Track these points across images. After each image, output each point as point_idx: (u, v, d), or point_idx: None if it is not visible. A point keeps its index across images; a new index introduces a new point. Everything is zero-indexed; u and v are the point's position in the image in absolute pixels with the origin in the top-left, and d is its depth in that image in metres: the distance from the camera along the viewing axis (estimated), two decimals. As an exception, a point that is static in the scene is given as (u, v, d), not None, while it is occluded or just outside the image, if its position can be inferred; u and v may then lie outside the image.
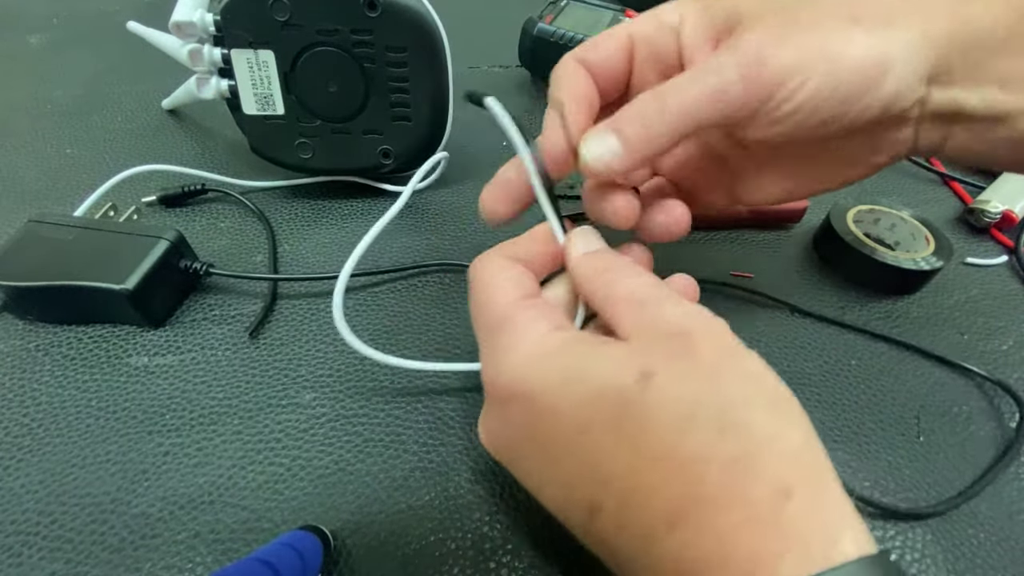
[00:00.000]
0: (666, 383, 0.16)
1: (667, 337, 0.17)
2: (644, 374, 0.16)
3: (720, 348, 0.16)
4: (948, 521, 0.24)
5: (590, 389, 0.16)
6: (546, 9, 0.48)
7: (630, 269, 0.19)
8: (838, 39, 0.18)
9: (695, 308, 0.18)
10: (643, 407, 0.15)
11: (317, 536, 0.20)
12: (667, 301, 0.18)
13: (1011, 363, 0.30)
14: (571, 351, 0.17)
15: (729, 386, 0.16)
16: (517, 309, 0.19)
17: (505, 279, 0.20)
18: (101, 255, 0.28)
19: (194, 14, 0.31)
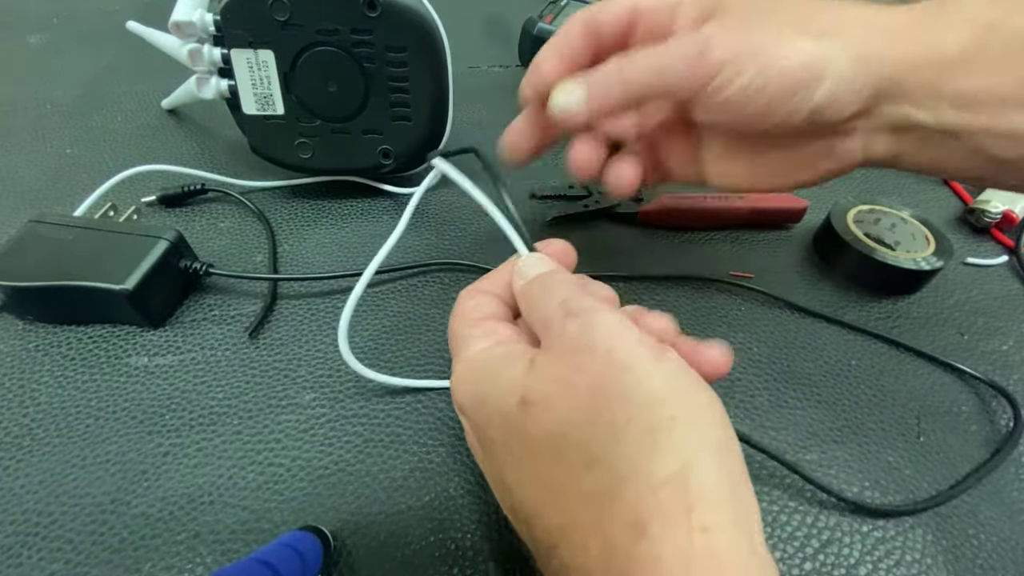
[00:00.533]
0: (541, 412, 0.16)
1: (556, 359, 0.17)
2: (523, 400, 0.16)
3: (605, 369, 0.16)
4: (948, 521, 0.24)
5: (491, 408, 0.17)
6: (546, 9, 0.48)
7: (555, 288, 0.19)
8: (779, 42, 0.20)
9: (597, 319, 0.17)
10: (523, 433, 0.16)
11: (317, 536, 0.20)
12: (570, 316, 0.17)
13: (1011, 363, 0.30)
14: (484, 369, 0.18)
15: (601, 414, 0.15)
16: (466, 330, 0.20)
17: (468, 307, 0.21)
18: (101, 255, 0.28)
19: (194, 14, 0.31)
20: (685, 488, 0.14)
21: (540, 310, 0.19)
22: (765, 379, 0.28)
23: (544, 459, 0.16)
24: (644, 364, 0.16)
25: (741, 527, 0.14)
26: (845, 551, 0.23)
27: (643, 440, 0.15)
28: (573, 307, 0.18)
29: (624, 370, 0.15)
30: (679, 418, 0.15)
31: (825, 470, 0.25)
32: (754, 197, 0.36)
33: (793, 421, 0.27)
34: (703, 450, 0.15)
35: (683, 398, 0.15)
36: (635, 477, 0.14)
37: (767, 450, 0.24)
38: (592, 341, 0.16)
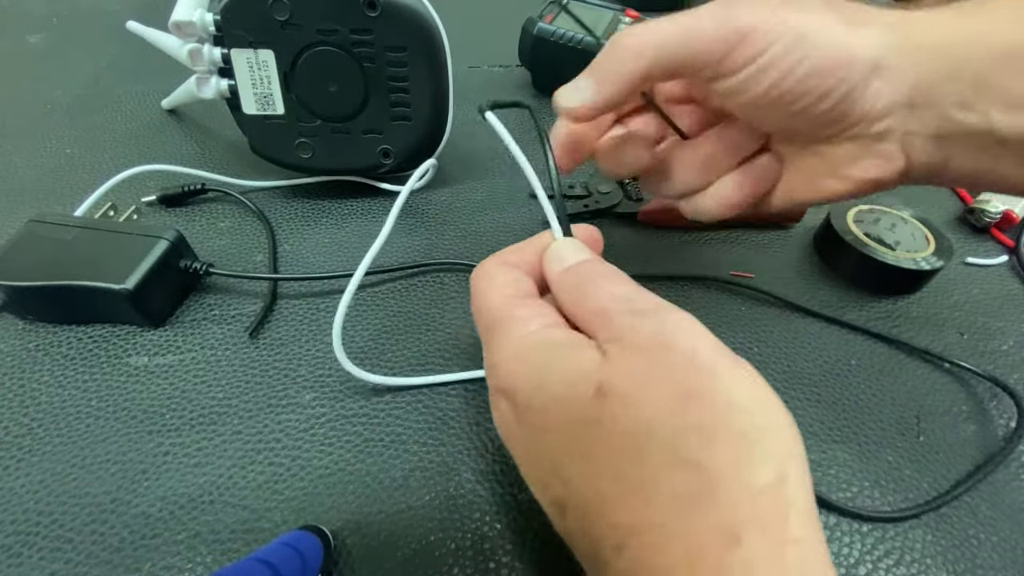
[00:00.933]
0: (621, 405, 0.15)
1: (634, 353, 0.16)
2: (601, 391, 0.15)
3: (689, 369, 0.15)
4: (948, 521, 0.24)
5: (554, 394, 0.16)
6: (546, 9, 0.48)
7: (603, 280, 0.18)
8: (814, 21, 0.19)
9: (673, 319, 0.16)
10: (598, 424, 0.15)
11: (317, 536, 0.20)
12: (639, 313, 0.17)
13: (1011, 363, 0.30)
14: (546, 352, 0.17)
15: (689, 415, 0.14)
16: (510, 307, 0.19)
17: (502, 281, 0.20)
18: (101, 255, 0.28)
19: (194, 14, 0.31)
20: (782, 498, 0.14)
21: (593, 301, 0.18)
22: (765, 379, 0.28)
23: (622, 454, 0.15)
24: (728, 370, 0.15)
25: (822, 541, 0.14)
26: (845, 551, 0.23)
27: (737, 445, 0.14)
28: (640, 305, 0.17)
29: (710, 373, 0.15)
30: (768, 428, 0.14)
31: (825, 470, 0.25)
32: (754, 197, 0.36)
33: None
34: (792, 462, 0.14)
35: (767, 408, 0.15)
36: (730, 483, 0.14)
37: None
38: (674, 340, 0.16)
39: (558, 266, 0.19)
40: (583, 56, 0.45)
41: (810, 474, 0.15)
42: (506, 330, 0.18)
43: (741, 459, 0.14)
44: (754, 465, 0.14)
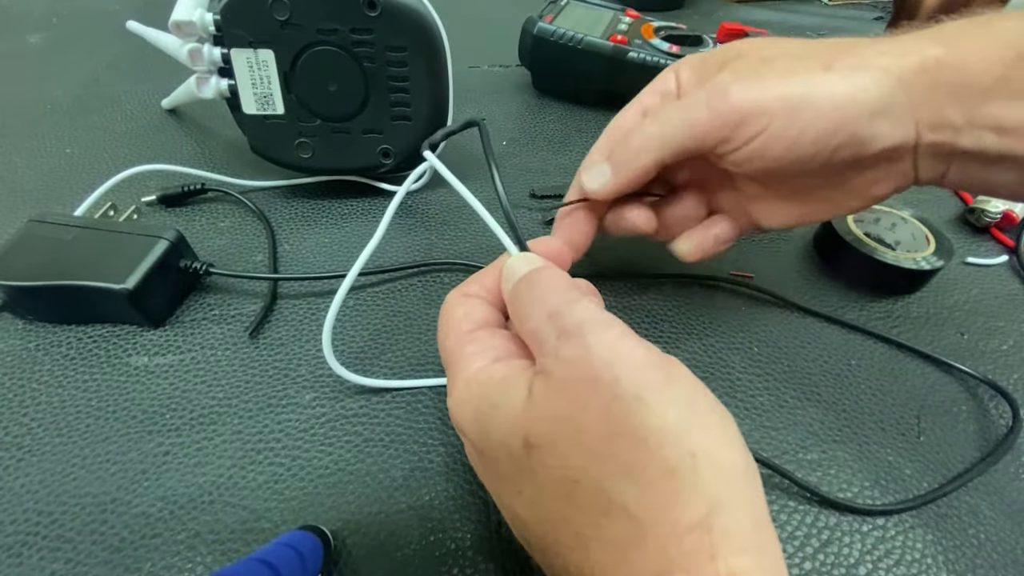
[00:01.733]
0: (547, 456, 0.15)
1: (556, 393, 0.15)
2: (527, 443, 0.15)
3: (612, 405, 0.14)
4: (948, 521, 0.24)
5: (494, 443, 0.17)
6: (546, 9, 0.48)
7: (539, 294, 0.18)
8: (810, 81, 0.19)
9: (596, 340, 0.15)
10: (532, 475, 0.16)
11: (317, 536, 0.20)
12: (564, 335, 0.16)
13: (1011, 363, 0.30)
14: (484, 397, 0.17)
15: (615, 457, 0.14)
16: (460, 345, 0.19)
17: (458, 315, 0.20)
18: (101, 255, 0.28)
19: (194, 13, 0.31)
20: (710, 533, 0.13)
21: (528, 320, 0.17)
22: (765, 379, 0.28)
23: (557, 503, 0.15)
24: (655, 392, 0.14)
25: (766, 567, 0.13)
26: (845, 551, 0.23)
27: (664, 484, 0.14)
28: (565, 323, 0.16)
29: (635, 404, 0.14)
30: (699, 455, 0.14)
31: (825, 470, 0.25)
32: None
33: (793, 421, 0.27)
34: (727, 489, 0.14)
35: (701, 428, 0.14)
36: (657, 524, 0.13)
37: (766, 463, 0.24)
38: (594, 370, 0.15)
39: (508, 284, 0.19)
40: (583, 56, 0.45)
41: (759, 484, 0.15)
42: (456, 370, 0.19)
43: (668, 499, 0.14)
44: (680, 504, 0.13)
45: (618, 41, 0.45)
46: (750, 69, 0.20)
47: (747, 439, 0.26)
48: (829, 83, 0.19)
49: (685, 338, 0.30)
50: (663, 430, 0.14)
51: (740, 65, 0.21)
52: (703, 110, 0.20)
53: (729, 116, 0.20)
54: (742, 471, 0.14)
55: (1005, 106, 0.19)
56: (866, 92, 0.19)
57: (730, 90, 0.20)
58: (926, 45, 0.19)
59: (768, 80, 0.20)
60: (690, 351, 0.29)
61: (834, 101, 0.19)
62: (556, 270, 0.19)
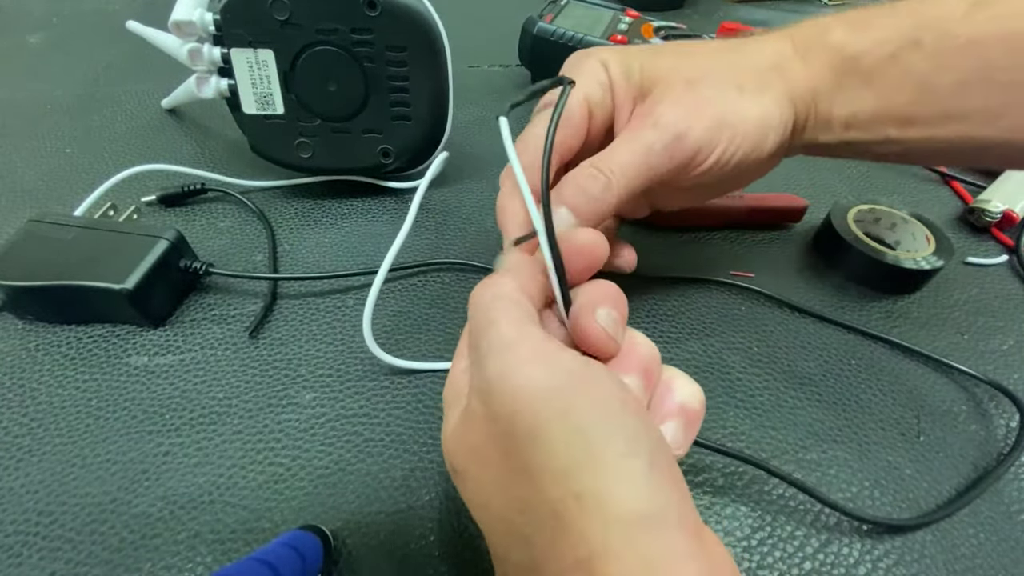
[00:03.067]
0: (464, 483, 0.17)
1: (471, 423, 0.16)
2: (453, 470, 0.17)
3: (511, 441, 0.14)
4: (948, 522, 0.24)
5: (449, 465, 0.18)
6: (546, 8, 0.48)
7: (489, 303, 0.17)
8: (734, 109, 0.23)
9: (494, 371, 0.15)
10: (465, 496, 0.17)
11: (317, 536, 0.20)
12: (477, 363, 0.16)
13: (1011, 363, 0.30)
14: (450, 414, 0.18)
15: (515, 492, 0.14)
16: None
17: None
18: (101, 255, 0.28)
19: (194, 13, 0.31)
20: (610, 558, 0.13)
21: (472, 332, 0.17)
22: (765, 379, 0.28)
23: (485, 523, 0.16)
24: (548, 428, 0.14)
25: None
26: (844, 551, 0.23)
27: (551, 523, 0.14)
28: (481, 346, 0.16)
29: (527, 442, 0.14)
30: (584, 497, 0.13)
31: (825, 470, 0.25)
32: (754, 196, 0.36)
33: (793, 421, 0.27)
34: (613, 535, 0.13)
35: (592, 467, 0.13)
36: (548, 559, 0.14)
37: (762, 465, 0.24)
38: (493, 405, 0.15)
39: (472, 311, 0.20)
40: (583, 56, 0.45)
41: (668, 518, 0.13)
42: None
43: (556, 537, 0.13)
44: (566, 545, 0.13)
45: (618, 41, 0.45)
46: (682, 98, 0.23)
47: (747, 439, 0.26)
48: (745, 107, 0.23)
49: (685, 338, 0.30)
50: (551, 470, 0.14)
51: (670, 93, 0.23)
52: (663, 155, 0.22)
53: (684, 156, 0.22)
54: (638, 515, 0.13)
55: (842, 106, 0.23)
56: (772, 115, 0.23)
57: (681, 131, 0.22)
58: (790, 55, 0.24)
59: (703, 111, 0.22)
60: (690, 351, 0.29)
61: (751, 124, 0.23)
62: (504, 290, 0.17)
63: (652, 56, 0.24)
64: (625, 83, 0.24)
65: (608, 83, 0.24)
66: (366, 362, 0.28)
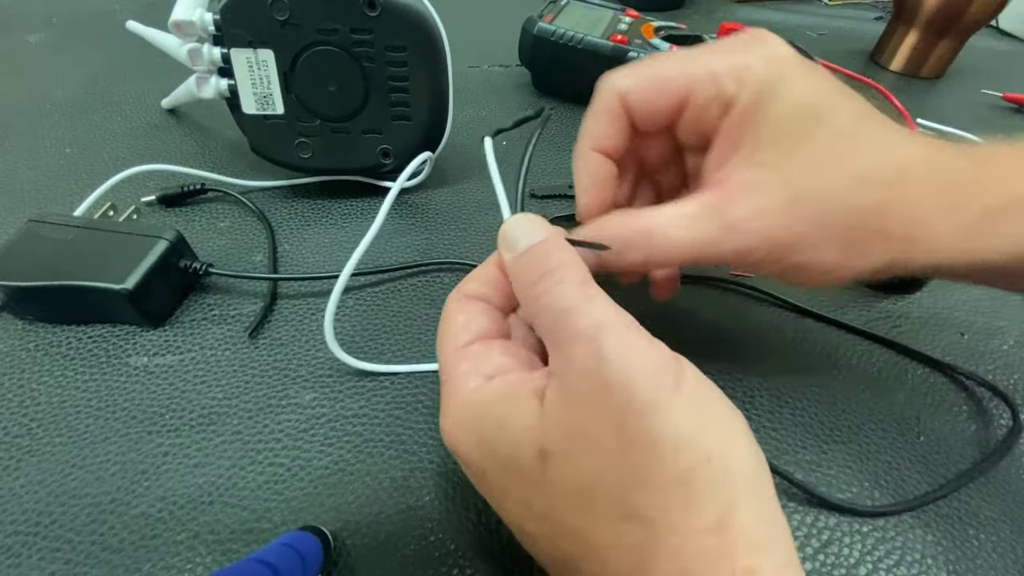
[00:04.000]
0: (564, 464, 0.15)
1: (570, 403, 0.15)
2: (543, 453, 0.15)
3: (626, 414, 0.14)
4: (948, 521, 0.24)
5: (501, 463, 0.16)
6: (546, 8, 0.48)
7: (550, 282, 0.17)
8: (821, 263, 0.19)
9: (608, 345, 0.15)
10: (545, 486, 0.15)
11: (317, 536, 0.20)
12: (576, 339, 0.15)
13: (1012, 363, 0.30)
14: (488, 415, 0.17)
15: (629, 466, 0.14)
16: (453, 363, 0.18)
17: (456, 325, 0.19)
18: (101, 255, 0.28)
19: (193, 13, 0.31)
20: (725, 535, 0.13)
21: (541, 314, 0.17)
22: (765, 379, 0.28)
23: (574, 512, 0.15)
24: (668, 399, 0.14)
25: (782, 566, 0.14)
26: (845, 551, 0.23)
27: (679, 491, 0.14)
28: (580, 325, 0.15)
29: (649, 411, 0.14)
30: (713, 459, 0.14)
31: (825, 470, 0.25)
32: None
33: (793, 421, 0.27)
34: (740, 492, 0.14)
35: (713, 433, 0.14)
36: (674, 529, 0.14)
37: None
38: (607, 378, 0.14)
39: (509, 254, 0.18)
40: (583, 56, 0.45)
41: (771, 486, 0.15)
42: (449, 392, 0.18)
43: (683, 505, 0.14)
44: (696, 508, 0.14)
45: (618, 41, 0.45)
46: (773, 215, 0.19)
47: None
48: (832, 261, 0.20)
49: (685, 338, 0.30)
50: (677, 437, 0.14)
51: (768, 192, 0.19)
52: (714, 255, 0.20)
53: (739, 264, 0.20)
54: (754, 468, 0.15)
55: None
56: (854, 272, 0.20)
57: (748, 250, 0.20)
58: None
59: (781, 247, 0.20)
60: (689, 351, 0.29)
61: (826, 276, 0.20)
62: (563, 245, 0.18)
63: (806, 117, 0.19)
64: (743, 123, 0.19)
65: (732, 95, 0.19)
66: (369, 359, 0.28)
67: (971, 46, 0.56)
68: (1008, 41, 0.68)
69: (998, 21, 0.69)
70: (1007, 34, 0.69)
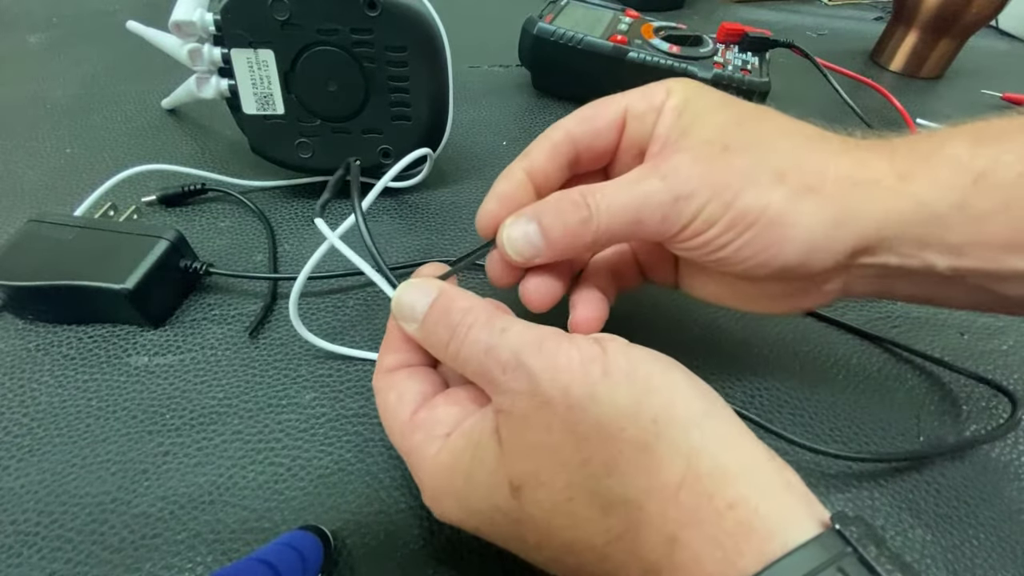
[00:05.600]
0: (535, 491, 0.16)
1: (520, 428, 0.16)
2: (513, 488, 0.16)
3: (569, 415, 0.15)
4: (948, 521, 0.24)
5: (484, 513, 0.17)
6: (546, 8, 0.48)
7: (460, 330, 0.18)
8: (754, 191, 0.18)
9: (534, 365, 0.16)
10: (531, 519, 0.16)
11: (317, 536, 0.20)
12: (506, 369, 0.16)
13: (1011, 363, 0.30)
14: (456, 472, 0.17)
15: (592, 461, 0.15)
16: (407, 439, 0.19)
17: (391, 405, 0.20)
18: (101, 255, 0.28)
19: (194, 13, 0.31)
20: (698, 481, 0.14)
21: (466, 365, 0.17)
22: (765, 379, 0.28)
23: (561, 531, 0.16)
24: (600, 386, 0.15)
25: (760, 482, 0.14)
26: (845, 551, 0.23)
27: (641, 459, 0.15)
28: (502, 357, 0.16)
29: (587, 404, 0.15)
30: (658, 419, 0.15)
31: (825, 470, 0.25)
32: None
33: (793, 421, 0.27)
34: (695, 436, 0.15)
35: (650, 396, 0.15)
36: (651, 495, 0.14)
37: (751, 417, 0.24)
38: (545, 392, 0.15)
39: (413, 324, 0.19)
40: (583, 56, 0.45)
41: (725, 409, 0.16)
42: (416, 466, 0.19)
43: (648, 469, 0.14)
44: (662, 468, 0.14)
45: (618, 41, 0.45)
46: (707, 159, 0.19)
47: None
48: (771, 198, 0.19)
49: (684, 338, 0.30)
50: (620, 415, 0.15)
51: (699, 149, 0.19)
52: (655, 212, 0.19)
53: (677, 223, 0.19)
54: (701, 406, 0.15)
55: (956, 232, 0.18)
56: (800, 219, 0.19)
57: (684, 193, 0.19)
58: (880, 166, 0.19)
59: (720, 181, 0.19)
60: (688, 351, 0.29)
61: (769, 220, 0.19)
62: (457, 292, 0.19)
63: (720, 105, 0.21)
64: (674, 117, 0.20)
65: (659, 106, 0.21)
66: (366, 362, 0.28)
67: (971, 46, 0.56)
68: (1008, 41, 0.68)
69: (998, 21, 0.69)
70: (1007, 34, 0.69)
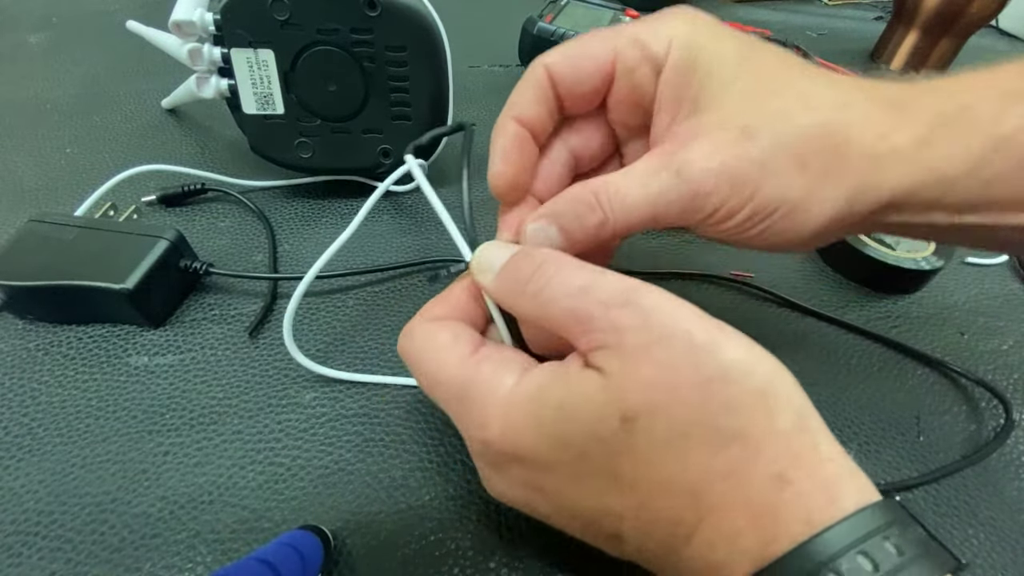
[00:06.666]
0: (650, 423, 0.15)
1: (635, 361, 0.15)
2: (625, 418, 0.15)
3: (694, 356, 0.15)
4: (948, 521, 0.24)
5: (576, 445, 0.16)
6: (546, 8, 0.48)
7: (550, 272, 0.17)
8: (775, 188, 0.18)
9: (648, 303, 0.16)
10: (634, 452, 0.15)
11: (317, 536, 0.20)
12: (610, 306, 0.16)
13: (1011, 363, 0.30)
14: (546, 402, 0.16)
15: (714, 399, 0.15)
16: (472, 370, 0.18)
17: (443, 343, 0.18)
18: (101, 255, 0.28)
19: (194, 13, 0.31)
20: (808, 431, 0.15)
21: (552, 305, 0.17)
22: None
23: (666, 467, 0.15)
24: (722, 338, 0.16)
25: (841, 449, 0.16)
26: (845, 551, 0.23)
27: (761, 402, 0.15)
28: (607, 291, 0.16)
29: (712, 348, 0.16)
30: (773, 376, 0.16)
31: (825, 470, 0.25)
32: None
33: (793, 421, 0.27)
34: (800, 397, 0.16)
35: (762, 359, 0.16)
36: (767, 437, 0.15)
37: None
38: (664, 329, 0.16)
39: (489, 274, 0.18)
40: (583, 56, 0.45)
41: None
42: (483, 397, 0.17)
43: (767, 412, 0.15)
44: (778, 414, 0.15)
45: (618, 41, 0.45)
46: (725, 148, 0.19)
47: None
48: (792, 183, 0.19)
49: (685, 338, 0.30)
50: (741, 362, 0.16)
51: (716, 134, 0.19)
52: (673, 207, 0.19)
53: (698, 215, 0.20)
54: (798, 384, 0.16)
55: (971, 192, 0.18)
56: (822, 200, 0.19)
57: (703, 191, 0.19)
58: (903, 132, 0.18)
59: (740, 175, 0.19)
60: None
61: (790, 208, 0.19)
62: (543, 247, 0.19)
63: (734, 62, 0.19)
64: (677, 77, 0.19)
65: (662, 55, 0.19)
66: (367, 362, 0.28)
67: (971, 46, 0.56)
68: (1008, 41, 0.68)
69: (998, 21, 0.69)
70: (1007, 34, 0.69)
